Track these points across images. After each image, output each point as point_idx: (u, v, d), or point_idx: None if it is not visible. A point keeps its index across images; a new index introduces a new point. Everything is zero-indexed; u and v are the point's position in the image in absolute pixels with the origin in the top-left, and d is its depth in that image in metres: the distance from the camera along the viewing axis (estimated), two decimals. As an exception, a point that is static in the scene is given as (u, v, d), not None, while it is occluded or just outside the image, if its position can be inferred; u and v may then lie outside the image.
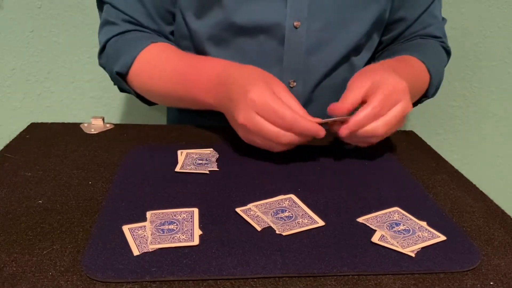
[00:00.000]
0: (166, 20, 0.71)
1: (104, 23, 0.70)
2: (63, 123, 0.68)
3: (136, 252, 0.38)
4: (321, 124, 0.53)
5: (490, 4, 1.08)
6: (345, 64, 0.74)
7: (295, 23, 0.66)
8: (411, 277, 0.38)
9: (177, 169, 0.54)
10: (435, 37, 0.78)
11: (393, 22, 0.77)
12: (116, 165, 0.55)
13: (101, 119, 0.68)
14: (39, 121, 0.68)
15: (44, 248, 0.39)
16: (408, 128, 0.74)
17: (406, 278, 0.38)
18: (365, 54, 0.76)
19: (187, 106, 0.66)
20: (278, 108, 0.51)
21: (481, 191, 0.54)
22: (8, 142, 0.60)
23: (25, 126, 0.66)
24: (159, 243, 0.40)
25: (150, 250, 0.39)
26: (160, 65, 0.65)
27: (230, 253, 0.39)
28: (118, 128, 0.68)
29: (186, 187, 0.50)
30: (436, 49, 0.77)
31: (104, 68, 0.72)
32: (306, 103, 0.73)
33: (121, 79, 0.69)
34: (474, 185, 0.55)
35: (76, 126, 0.67)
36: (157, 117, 1.13)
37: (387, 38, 0.79)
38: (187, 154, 0.57)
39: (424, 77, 0.70)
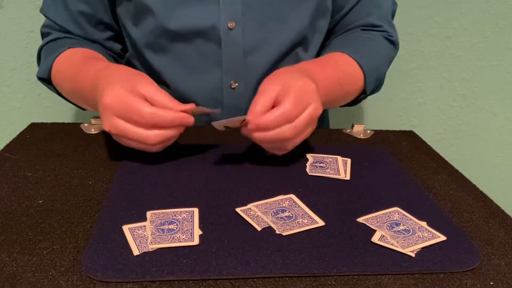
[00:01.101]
0: (98, 28, 0.73)
1: (42, 35, 0.74)
2: (63, 123, 0.68)
3: (136, 252, 0.38)
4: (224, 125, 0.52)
5: (490, 4, 1.08)
6: (290, 60, 0.72)
7: (230, 25, 0.66)
8: (411, 277, 0.38)
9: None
10: (376, 26, 0.74)
11: (332, 11, 0.74)
12: (116, 165, 0.55)
13: (101, 119, 0.68)
14: (39, 121, 0.68)
15: (44, 248, 0.39)
16: (408, 128, 0.74)
17: (406, 278, 0.38)
18: (314, 47, 0.74)
19: (87, 107, 0.67)
20: (134, 105, 0.49)
21: (481, 191, 0.54)
22: (8, 142, 0.60)
23: (25, 126, 0.66)
24: (159, 243, 0.40)
25: (150, 250, 0.39)
26: (65, 68, 0.67)
27: (230, 253, 0.39)
28: (118, 128, 0.68)
29: (186, 187, 0.50)
30: (374, 42, 0.73)
31: None
32: (251, 104, 0.72)
33: (47, 84, 0.72)
34: (474, 185, 0.55)
35: (76, 126, 0.67)
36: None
37: (328, 26, 0.76)
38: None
39: (354, 74, 0.68)
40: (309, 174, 0.54)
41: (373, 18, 0.74)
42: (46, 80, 0.71)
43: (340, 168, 0.56)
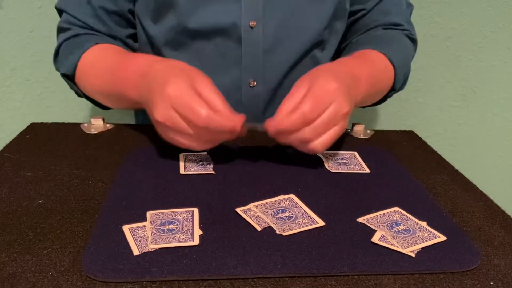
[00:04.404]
0: (121, 24, 0.72)
1: (59, 30, 0.71)
2: (63, 123, 0.68)
3: (136, 252, 0.38)
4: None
5: (490, 4, 1.08)
6: (307, 61, 0.73)
7: (251, 23, 0.67)
8: (411, 277, 0.38)
9: (182, 171, 0.54)
10: (397, 24, 0.76)
11: (352, 12, 0.76)
12: (116, 165, 0.55)
13: (101, 119, 0.68)
14: (39, 121, 0.68)
15: (44, 248, 0.39)
16: (408, 128, 0.74)
17: (406, 278, 0.38)
18: (330, 48, 0.75)
19: (118, 103, 0.66)
20: (193, 104, 0.49)
21: (481, 191, 0.54)
22: (8, 142, 0.60)
23: (25, 126, 0.66)
24: (159, 243, 0.40)
25: (150, 250, 0.39)
26: (97, 63, 0.65)
27: (230, 253, 0.39)
28: (118, 128, 0.68)
29: (187, 187, 0.50)
30: (399, 39, 0.75)
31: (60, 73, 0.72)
32: (269, 103, 0.73)
33: (70, 82, 0.69)
34: (474, 185, 0.55)
35: (76, 126, 0.67)
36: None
37: (346, 25, 0.78)
38: (184, 157, 0.57)
39: (387, 71, 0.69)
40: (332, 171, 0.55)
41: (394, 17, 0.75)
42: (69, 76, 0.68)
43: (361, 162, 0.57)
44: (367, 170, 0.56)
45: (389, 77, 0.69)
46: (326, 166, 0.56)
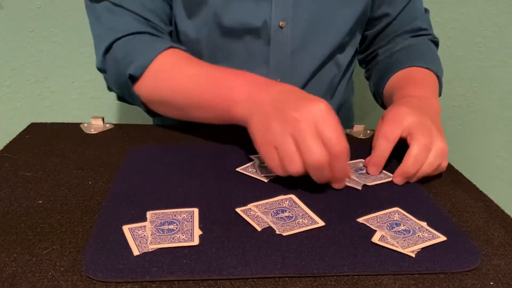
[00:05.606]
0: (168, 20, 0.70)
1: (107, 22, 0.65)
2: (63, 123, 0.68)
3: (136, 252, 0.38)
4: None
5: (490, 4, 1.08)
6: (331, 62, 0.74)
7: (281, 23, 0.67)
8: (411, 277, 0.38)
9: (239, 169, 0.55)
10: (422, 29, 0.78)
11: (377, 18, 0.78)
12: (116, 165, 0.55)
13: (101, 119, 0.68)
14: (39, 121, 0.68)
15: (44, 248, 0.39)
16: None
17: (406, 278, 0.38)
18: (349, 51, 0.77)
19: (204, 114, 0.59)
20: (338, 128, 0.47)
21: (481, 191, 0.54)
22: (8, 142, 0.60)
23: (25, 126, 0.66)
24: (159, 243, 0.40)
25: (150, 250, 0.39)
26: (184, 67, 0.61)
27: (230, 253, 0.39)
28: (118, 128, 0.68)
29: (186, 187, 0.50)
30: (430, 47, 0.78)
31: (106, 72, 0.66)
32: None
33: (130, 84, 0.62)
34: (474, 185, 0.55)
35: (76, 126, 0.67)
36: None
37: (372, 32, 0.80)
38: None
39: (437, 84, 0.71)
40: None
41: (420, 22, 0.78)
42: (132, 77, 0.62)
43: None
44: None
45: (437, 88, 0.71)
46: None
